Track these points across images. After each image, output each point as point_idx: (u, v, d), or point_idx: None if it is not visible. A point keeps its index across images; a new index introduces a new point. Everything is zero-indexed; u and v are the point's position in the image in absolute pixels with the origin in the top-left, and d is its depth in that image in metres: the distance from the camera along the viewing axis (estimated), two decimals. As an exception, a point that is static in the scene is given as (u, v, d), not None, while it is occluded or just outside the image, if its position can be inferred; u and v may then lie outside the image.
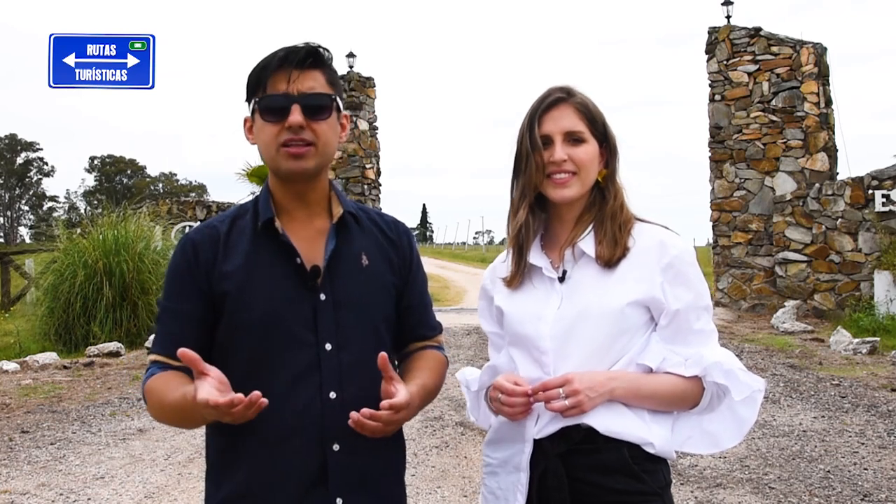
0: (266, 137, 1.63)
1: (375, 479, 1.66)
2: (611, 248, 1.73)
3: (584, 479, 1.67)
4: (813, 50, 13.11)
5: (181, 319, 1.64)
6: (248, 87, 1.67)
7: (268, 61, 1.64)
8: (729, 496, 4.40)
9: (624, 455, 1.67)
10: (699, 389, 1.72)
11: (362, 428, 1.53)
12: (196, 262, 1.65)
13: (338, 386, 1.60)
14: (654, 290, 1.70)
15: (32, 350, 9.81)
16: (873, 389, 7.05)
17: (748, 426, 1.74)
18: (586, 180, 1.77)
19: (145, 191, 57.82)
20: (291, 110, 1.60)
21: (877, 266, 11.60)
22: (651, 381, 1.70)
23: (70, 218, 48.01)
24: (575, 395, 1.63)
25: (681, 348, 1.72)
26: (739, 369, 1.71)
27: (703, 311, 1.74)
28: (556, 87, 1.80)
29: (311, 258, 1.64)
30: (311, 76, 1.64)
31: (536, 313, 1.75)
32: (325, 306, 1.62)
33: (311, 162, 1.63)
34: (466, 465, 5.07)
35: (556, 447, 1.69)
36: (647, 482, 1.68)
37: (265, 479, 1.60)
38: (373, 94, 17.02)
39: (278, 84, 1.62)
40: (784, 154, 13.19)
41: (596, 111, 1.79)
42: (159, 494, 4.60)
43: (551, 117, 1.76)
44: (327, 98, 1.65)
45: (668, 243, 1.73)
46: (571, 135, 1.76)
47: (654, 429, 1.70)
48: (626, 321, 1.70)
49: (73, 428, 6.18)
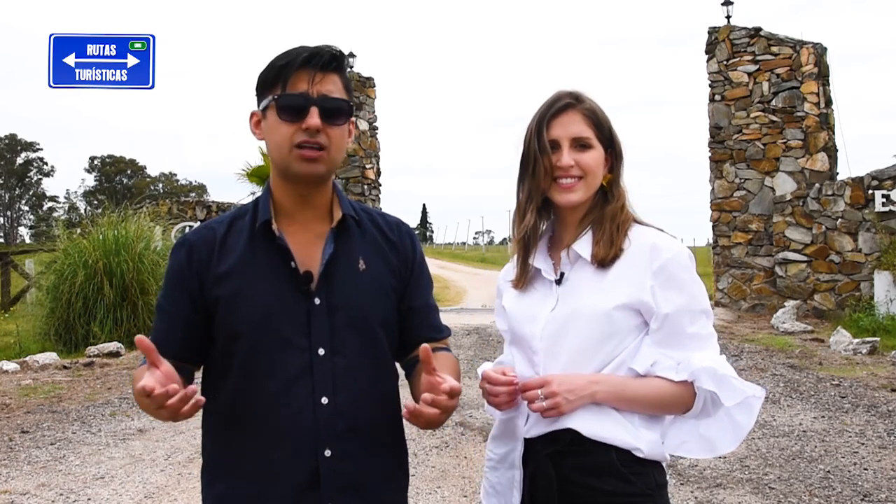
0: (279, 137, 1.62)
1: (369, 485, 1.64)
2: (606, 248, 1.74)
3: (574, 480, 1.69)
4: (813, 50, 13.12)
5: (170, 320, 1.66)
6: (265, 82, 1.64)
7: (290, 59, 1.61)
8: (729, 496, 4.40)
9: (612, 457, 1.68)
10: (691, 394, 1.71)
11: (418, 417, 1.50)
12: (189, 264, 1.64)
13: (330, 391, 1.59)
14: (642, 294, 1.70)
15: (32, 350, 9.81)
16: (873, 389, 7.05)
17: (745, 432, 1.74)
18: (592, 185, 1.79)
19: (145, 191, 57.81)
20: (310, 112, 1.59)
21: (877, 266, 11.60)
22: (637, 385, 1.70)
23: (70, 218, 48.01)
24: (553, 397, 1.65)
25: (673, 352, 1.71)
26: (733, 376, 1.70)
27: (698, 314, 1.73)
28: (566, 93, 1.81)
29: (307, 262, 1.63)
30: (331, 80, 1.63)
31: (532, 314, 1.78)
32: (319, 311, 1.61)
33: (323, 167, 1.63)
34: (466, 465, 5.07)
35: (545, 448, 1.71)
36: (637, 484, 1.68)
37: (259, 481, 1.59)
38: (373, 94, 17.02)
39: (299, 84, 1.60)
40: (784, 154, 13.20)
41: (603, 117, 1.82)
42: (159, 494, 4.60)
43: (560, 122, 1.78)
44: (346, 104, 1.64)
45: (660, 246, 1.73)
46: (579, 140, 1.77)
47: (643, 433, 1.70)
48: (614, 324, 1.70)
49: (73, 428, 6.18)
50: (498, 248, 65.90)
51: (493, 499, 1.83)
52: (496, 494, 1.82)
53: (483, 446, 5.41)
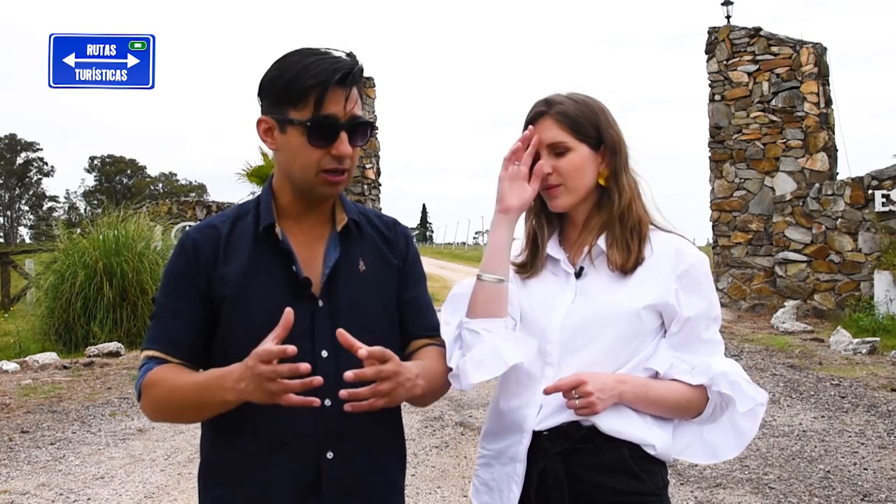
0: (306, 160, 1.57)
1: (370, 487, 1.64)
2: (623, 254, 1.73)
3: (584, 478, 1.68)
4: (813, 50, 13.12)
5: (179, 317, 1.63)
6: (288, 95, 1.55)
7: (322, 77, 1.53)
8: (729, 496, 4.40)
9: (624, 455, 1.68)
10: (703, 399, 1.73)
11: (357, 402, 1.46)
12: (196, 261, 1.63)
13: (333, 394, 1.57)
14: (668, 296, 1.71)
15: (32, 350, 9.80)
16: (873, 389, 7.05)
17: (748, 439, 1.75)
18: (576, 188, 1.76)
19: (145, 191, 57.89)
20: (340, 138, 1.56)
21: (877, 266, 11.60)
22: (659, 386, 1.71)
23: (70, 218, 48.07)
24: (587, 397, 1.63)
25: (688, 356, 1.73)
26: (744, 381, 1.72)
27: (712, 321, 1.76)
28: (540, 101, 1.80)
29: (310, 265, 1.63)
30: (354, 97, 1.58)
31: (549, 303, 1.75)
32: (322, 313, 1.61)
33: (342, 187, 1.63)
34: (466, 465, 5.07)
35: (555, 445, 1.69)
36: (647, 482, 1.69)
37: (259, 485, 1.59)
38: (373, 94, 17.03)
39: (332, 105, 1.54)
40: (784, 154, 13.20)
41: (580, 114, 1.76)
42: (159, 494, 4.60)
43: (536, 131, 1.77)
44: (369, 125, 1.63)
45: (684, 251, 1.74)
46: (554, 147, 1.75)
47: (656, 431, 1.71)
48: (640, 324, 1.71)
49: (73, 428, 6.18)
50: (498, 248, 65.70)
51: (484, 496, 1.77)
52: (488, 491, 1.76)
53: (483, 446, 5.43)
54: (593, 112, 1.78)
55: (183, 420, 1.69)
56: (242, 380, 1.43)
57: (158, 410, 1.63)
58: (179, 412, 1.62)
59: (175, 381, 1.56)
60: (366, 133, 1.62)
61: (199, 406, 1.55)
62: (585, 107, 1.78)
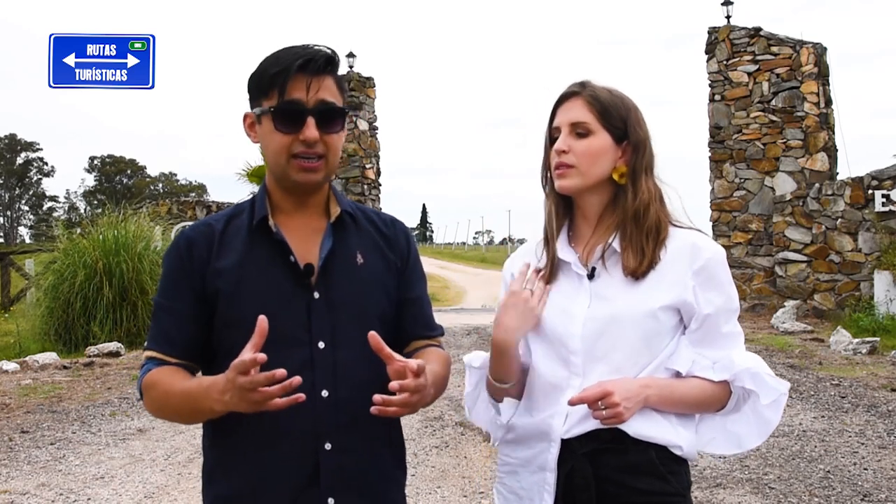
0: (276, 146, 1.60)
1: (369, 480, 1.64)
2: (636, 258, 1.70)
3: (611, 479, 1.66)
4: (813, 50, 13.12)
5: (176, 317, 1.64)
6: (259, 87, 1.62)
7: (285, 65, 1.58)
8: (729, 496, 4.40)
9: (651, 456, 1.66)
10: (726, 393, 1.72)
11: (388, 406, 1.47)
12: (190, 259, 1.64)
13: (331, 385, 1.59)
14: (685, 294, 1.69)
15: (32, 350, 9.80)
16: (873, 389, 7.05)
17: (772, 427, 1.74)
18: (587, 173, 1.72)
19: (145, 191, 57.84)
20: (307, 123, 1.58)
21: (877, 266, 11.60)
22: (682, 386, 1.69)
23: (70, 218, 48.02)
24: (614, 407, 1.60)
25: (709, 351, 1.71)
26: (766, 373, 1.71)
27: (732, 313, 1.73)
28: (576, 82, 1.79)
29: (306, 256, 1.64)
30: (326, 84, 1.60)
31: (565, 309, 1.72)
32: (318, 305, 1.62)
33: (321, 174, 1.63)
34: (466, 465, 5.07)
35: (583, 446, 1.68)
36: (673, 483, 1.68)
37: (258, 478, 1.59)
38: (373, 94, 17.03)
39: (294, 91, 1.58)
40: (784, 154, 13.20)
41: (611, 103, 1.74)
42: (159, 494, 4.60)
43: (563, 109, 1.76)
44: (341, 111, 1.63)
45: (700, 246, 1.71)
46: (576, 126, 1.73)
47: (682, 431, 1.70)
48: (658, 324, 1.69)
49: (73, 428, 6.18)
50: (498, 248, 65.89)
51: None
52: (518, 500, 1.74)
53: (484, 446, 5.42)
54: (625, 106, 1.76)
55: (182, 422, 1.72)
56: (226, 391, 1.44)
57: (159, 412, 1.66)
58: (176, 415, 1.65)
59: (169, 387, 1.58)
60: (337, 119, 1.62)
61: (191, 413, 1.59)
62: (619, 99, 1.77)
